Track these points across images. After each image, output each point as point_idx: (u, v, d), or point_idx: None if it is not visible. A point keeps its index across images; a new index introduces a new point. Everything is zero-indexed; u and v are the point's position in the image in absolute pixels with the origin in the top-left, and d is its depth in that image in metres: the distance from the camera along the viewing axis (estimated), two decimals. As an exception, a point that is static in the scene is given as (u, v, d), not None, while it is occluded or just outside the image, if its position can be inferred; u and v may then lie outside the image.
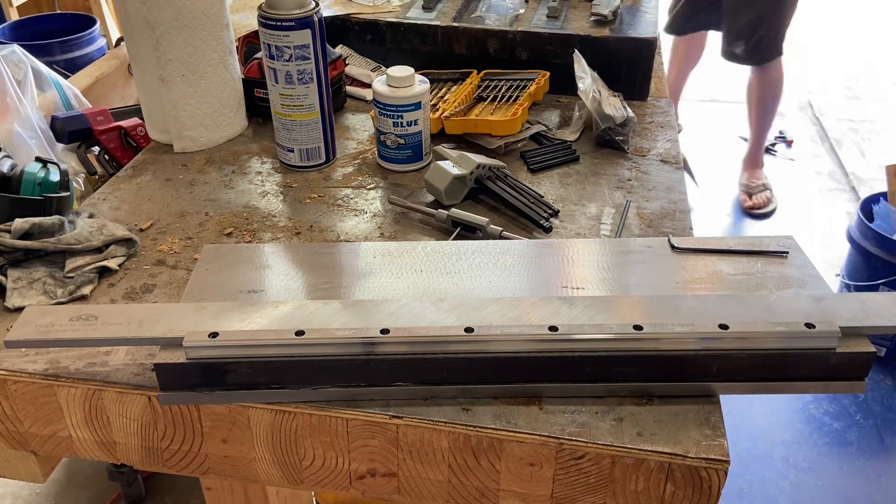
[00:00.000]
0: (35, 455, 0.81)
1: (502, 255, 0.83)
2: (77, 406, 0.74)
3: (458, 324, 0.68)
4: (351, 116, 1.24)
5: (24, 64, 1.37)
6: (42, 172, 0.92)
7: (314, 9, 0.99)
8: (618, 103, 1.14)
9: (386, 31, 1.30)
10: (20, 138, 1.22)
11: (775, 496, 1.88)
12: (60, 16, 2.70)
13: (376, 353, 0.67)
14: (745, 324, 0.68)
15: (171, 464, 0.77)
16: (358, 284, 0.79)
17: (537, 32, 1.23)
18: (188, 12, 1.04)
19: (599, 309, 0.70)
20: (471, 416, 0.68)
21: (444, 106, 1.15)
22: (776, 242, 0.85)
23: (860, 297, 0.72)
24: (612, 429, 0.67)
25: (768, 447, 2.01)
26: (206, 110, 1.11)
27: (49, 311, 0.69)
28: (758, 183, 2.97)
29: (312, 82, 1.02)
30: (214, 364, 0.67)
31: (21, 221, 0.84)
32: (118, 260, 0.87)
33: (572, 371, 0.68)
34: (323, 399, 0.69)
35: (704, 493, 0.66)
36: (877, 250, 2.14)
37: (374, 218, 0.98)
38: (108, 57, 1.75)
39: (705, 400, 0.70)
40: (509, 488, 0.70)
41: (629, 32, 1.22)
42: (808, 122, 3.63)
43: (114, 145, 1.23)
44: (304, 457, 0.73)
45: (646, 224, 0.96)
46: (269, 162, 1.11)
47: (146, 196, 1.02)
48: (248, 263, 0.82)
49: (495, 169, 1.01)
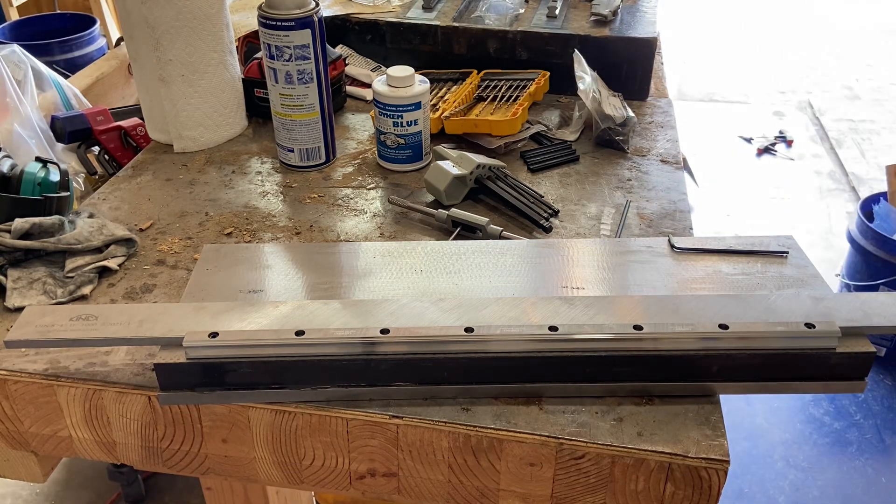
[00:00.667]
0: (35, 455, 0.81)
1: (502, 255, 0.83)
2: (77, 406, 0.74)
3: (458, 324, 0.68)
4: (351, 116, 1.24)
5: (24, 64, 1.37)
6: (42, 172, 0.92)
7: (314, 9, 0.99)
8: (618, 103, 1.14)
9: (386, 31, 1.30)
10: (20, 138, 1.22)
11: (775, 496, 1.88)
12: (60, 16, 2.71)
13: (376, 353, 0.67)
14: (745, 324, 0.68)
15: (171, 464, 0.77)
16: (358, 284, 0.79)
17: (537, 32, 1.23)
18: (188, 12, 1.04)
19: (599, 309, 0.70)
20: (471, 416, 0.68)
21: (444, 106, 1.15)
22: (776, 242, 0.85)
23: (860, 297, 0.72)
24: (612, 429, 0.67)
25: (768, 447, 2.01)
26: (206, 110, 1.11)
27: (49, 311, 0.69)
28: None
29: (312, 82, 1.02)
30: (214, 364, 0.67)
31: (21, 221, 0.84)
32: (118, 260, 0.87)
33: (572, 371, 0.68)
34: (323, 399, 0.69)
35: (704, 493, 0.66)
36: (877, 250, 2.14)
37: (374, 218, 0.98)
38: (108, 57, 1.76)
39: (705, 400, 0.70)
40: (509, 488, 0.70)
41: (629, 32, 1.22)
42: (808, 122, 3.63)
43: (114, 145, 1.23)
44: (304, 457, 0.73)
45: (646, 224, 0.96)
46: (269, 162, 1.11)
47: (146, 196, 1.02)
48: (248, 263, 0.82)
49: (495, 169, 1.01)
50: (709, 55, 4.34)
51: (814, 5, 5.01)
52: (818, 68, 4.17)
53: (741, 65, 4.22)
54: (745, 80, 4.05)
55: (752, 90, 3.94)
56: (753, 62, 4.26)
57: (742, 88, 3.97)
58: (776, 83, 4.01)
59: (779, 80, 4.04)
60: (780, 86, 3.98)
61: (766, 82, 4.02)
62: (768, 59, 4.30)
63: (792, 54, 4.35)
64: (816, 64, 4.22)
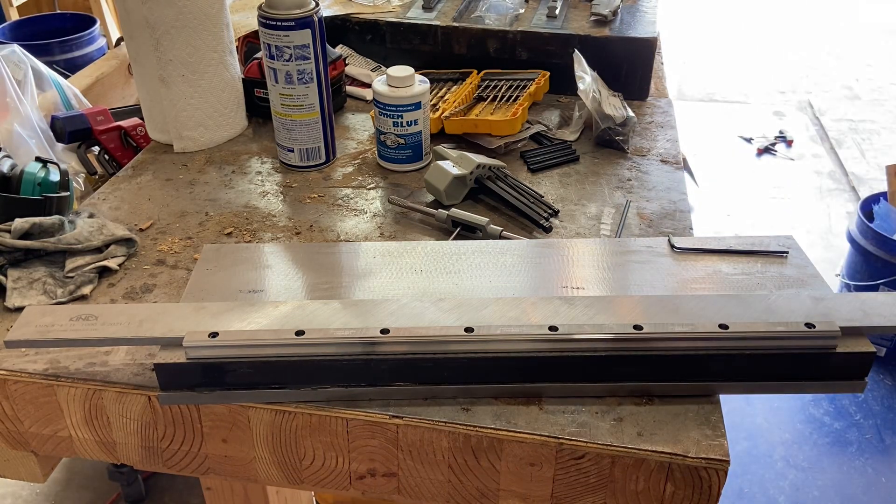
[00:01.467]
0: (35, 455, 0.81)
1: (502, 255, 0.83)
2: (77, 406, 0.74)
3: (458, 324, 0.68)
4: (351, 116, 1.24)
5: (24, 64, 1.37)
6: (42, 172, 0.92)
7: (314, 9, 0.99)
8: (618, 103, 1.14)
9: (386, 31, 1.30)
10: (20, 138, 1.22)
11: (775, 496, 1.88)
12: (60, 16, 2.70)
13: (376, 353, 0.67)
14: (745, 324, 0.68)
15: (171, 464, 0.77)
16: (358, 284, 0.79)
17: (537, 32, 1.23)
18: (188, 12, 1.04)
19: (599, 309, 0.70)
20: (471, 416, 0.68)
21: (444, 106, 1.15)
22: (776, 242, 0.85)
23: (860, 297, 0.72)
24: (612, 429, 0.67)
25: (768, 447, 2.01)
26: (206, 110, 1.11)
27: (49, 310, 0.69)
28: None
29: (312, 82, 1.02)
30: (214, 364, 0.67)
31: (21, 221, 0.84)
32: (118, 260, 0.87)
33: (572, 371, 0.68)
34: (323, 399, 0.69)
35: (704, 493, 0.66)
36: (877, 250, 2.14)
37: (374, 218, 0.98)
38: (108, 57, 1.76)
39: (705, 400, 0.70)
40: (509, 488, 0.70)
41: (629, 32, 1.22)
42: (808, 122, 3.63)
43: (114, 145, 1.23)
44: (304, 457, 0.73)
45: (646, 224, 0.96)
46: (269, 162, 1.11)
47: (146, 196, 1.02)
48: (248, 263, 0.82)
49: (495, 169, 1.01)
50: (709, 55, 4.34)
51: (814, 5, 5.01)
52: (818, 68, 4.17)
53: (741, 65, 4.22)
54: (745, 80, 4.05)
55: (752, 90, 3.94)
56: (753, 62, 4.26)
57: (742, 88, 3.97)
58: (776, 83, 4.01)
59: (779, 80, 4.04)
60: (780, 86, 3.98)
61: (766, 82, 4.02)
62: (768, 59, 4.30)
63: (792, 54, 4.35)
64: (816, 64, 4.22)
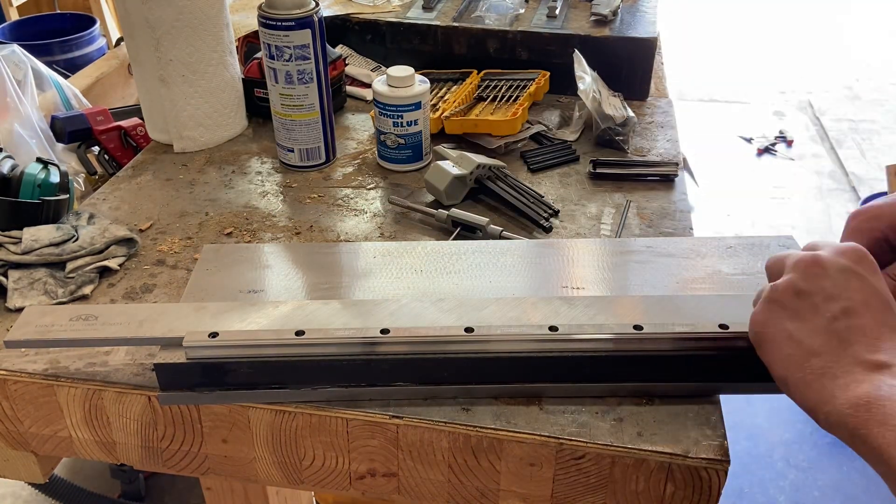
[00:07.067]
0: (35, 455, 0.81)
1: (502, 255, 0.83)
2: (77, 406, 0.74)
3: (458, 324, 0.68)
4: (351, 116, 1.24)
5: (24, 64, 1.37)
6: (42, 174, 0.92)
7: (314, 9, 0.99)
8: (618, 103, 1.14)
9: (386, 31, 1.30)
10: (20, 138, 1.22)
11: (775, 496, 1.88)
12: (60, 16, 2.70)
13: (376, 353, 0.67)
14: (746, 323, 0.68)
15: (171, 464, 0.77)
16: (358, 284, 0.79)
17: (537, 32, 1.23)
18: (189, 12, 1.04)
19: (599, 309, 0.70)
20: (471, 416, 0.68)
21: (444, 106, 1.15)
22: (776, 242, 0.85)
23: (860, 297, 0.72)
24: (612, 429, 0.67)
25: (768, 447, 2.01)
26: (206, 110, 1.11)
27: (49, 311, 0.69)
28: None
29: (312, 82, 1.02)
30: (214, 364, 0.67)
31: (30, 240, 0.83)
32: (118, 260, 0.87)
33: (572, 371, 0.68)
34: (323, 399, 0.69)
35: (704, 493, 0.66)
36: (877, 250, 2.13)
37: (374, 218, 0.98)
38: (108, 57, 1.76)
39: (705, 400, 0.70)
40: (509, 488, 0.70)
41: (629, 32, 1.22)
42: (808, 122, 3.63)
43: (114, 145, 1.23)
44: (304, 457, 0.73)
45: (646, 224, 0.96)
46: (269, 162, 1.11)
47: (146, 196, 1.02)
48: (248, 263, 0.82)
49: (495, 169, 1.01)
50: (709, 55, 4.34)
51: (814, 5, 5.01)
52: (818, 68, 4.17)
53: (741, 65, 4.22)
54: (745, 80, 4.05)
55: (752, 90, 3.94)
56: (753, 62, 4.26)
57: (742, 88, 3.97)
58: (776, 83, 4.01)
59: (779, 80, 4.04)
60: (780, 86, 3.98)
61: (766, 82, 4.02)
62: (768, 59, 4.30)
63: (792, 54, 4.35)
64: (816, 64, 4.23)
